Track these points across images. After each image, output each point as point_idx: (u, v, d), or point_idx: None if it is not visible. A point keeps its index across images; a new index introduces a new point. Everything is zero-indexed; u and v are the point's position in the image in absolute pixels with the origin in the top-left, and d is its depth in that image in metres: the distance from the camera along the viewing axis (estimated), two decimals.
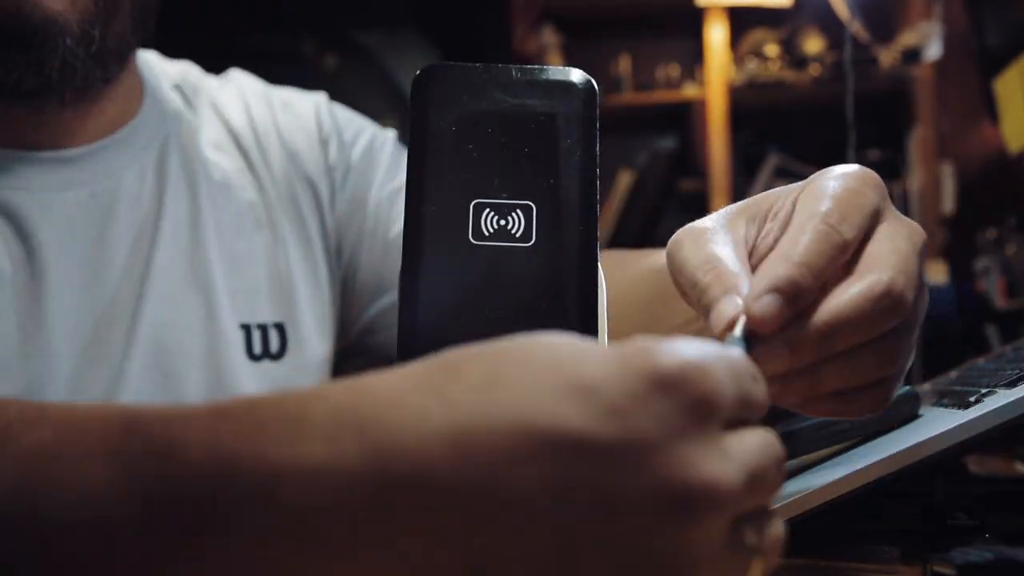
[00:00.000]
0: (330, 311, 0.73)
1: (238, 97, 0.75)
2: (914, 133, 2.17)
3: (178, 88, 0.72)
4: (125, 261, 0.63)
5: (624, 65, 2.38)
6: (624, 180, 2.36)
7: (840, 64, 2.11)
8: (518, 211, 0.39)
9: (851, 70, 1.02)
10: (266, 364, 0.67)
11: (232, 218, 0.68)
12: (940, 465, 0.39)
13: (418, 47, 2.56)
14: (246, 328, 0.67)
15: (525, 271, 0.38)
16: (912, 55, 2.09)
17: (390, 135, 0.79)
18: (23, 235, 0.61)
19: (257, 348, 0.67)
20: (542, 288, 0.38)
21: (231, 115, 0.73)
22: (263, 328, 0.68)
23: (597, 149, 0.40)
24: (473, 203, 0.39)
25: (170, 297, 0.63)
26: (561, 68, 0.41)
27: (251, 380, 0.66)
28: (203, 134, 0.71)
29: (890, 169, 2.21)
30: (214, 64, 0.76)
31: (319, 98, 0.79)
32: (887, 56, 2.13)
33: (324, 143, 0.75)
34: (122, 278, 0.63)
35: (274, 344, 0.68)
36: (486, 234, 0.38)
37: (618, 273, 0.56)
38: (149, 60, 0.72)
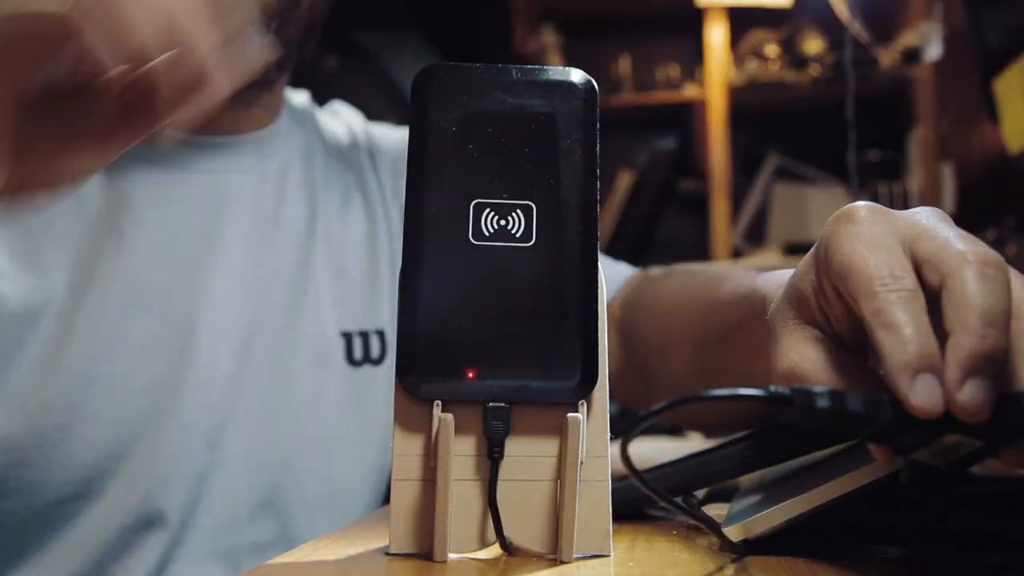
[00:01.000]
0: None
1: (345, 123, 0.79)
2: (914, 133, 2.17)
3: (301, 110, 0.76)
4: (244, 259, 0.66)
5: (624, 65, 2.38)
6: (624, 180, 2.36)
7: (840, 64, 2.11)
8: (518, 211, 0.39)
9: (851, 70, 1.02)
10: (367, 369, 0.70)
11: (340, 228, 0.72)
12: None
13: (418, 47, 2.56)
14: (347, 336, 0.69)
15: (525, 271, 0.38)
16: (912, 55, 2.09)
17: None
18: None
19: (358, 354, 0.70)
20: (542, 288, 0.38)
21: (341, 139, 0.77)
22: (364, 335, 0.70)
23: (597, 149, 0.40)
24: (473, 203, 0.39)
25: (281, 302, 0.66)
26: (561, 68, 0.41)
27: (351, 385, 0.69)
28: (319, 154, 0.74)
29: (890, 169, 2.21)
30: None
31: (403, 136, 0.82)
32: (887, 56, 2.13)
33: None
34: (242, 278, 0.65)
35: (375, 350, 0.71)
36: (486, 234, 0.38)
37: (706, 294, 0.56)
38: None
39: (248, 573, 0.37)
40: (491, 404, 0.38)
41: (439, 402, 0.37)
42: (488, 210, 0.39)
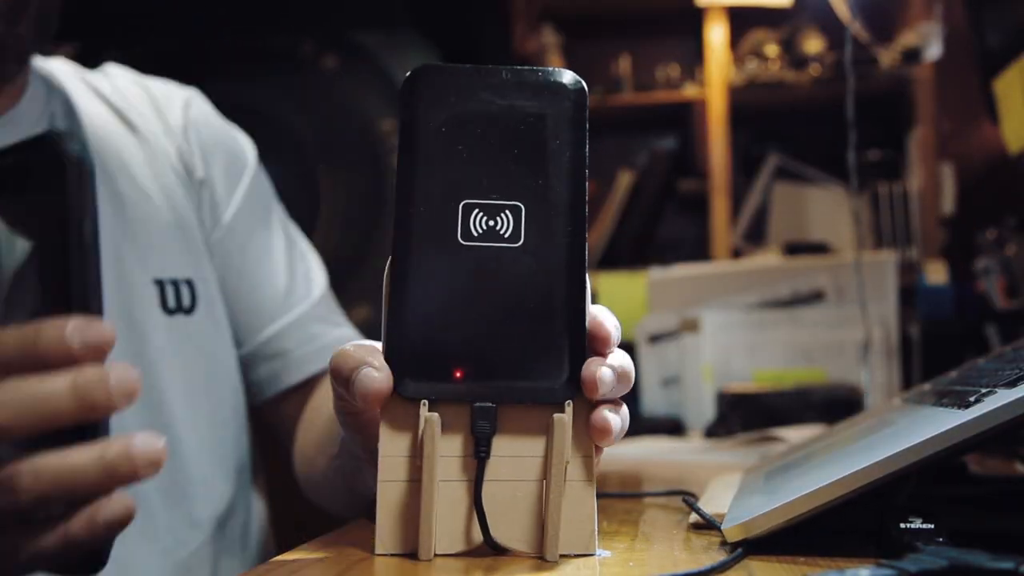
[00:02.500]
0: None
1: (115, 76, 0.79)
2: (914, 133, 2.17)
3: (54, 74, 0.75)
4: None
5: (624, 65, 2.38)
6: (624, 180, 2.36)
7: (840, 64, 2.11)
8: (507, 212, 0.38)
9: (851, 70, 1.02)
10: (180, 318, 0.71)
11: (127, 184, 0.72)
12: (940, 465, 0.39)
13: (417, 47, 2.56)
14: (159, 283, 0.71)
15: (513, 271, 0.38)
16: (912, 55, 2.09)
17: (251, 156, 0.83)
18: None
19: (171, 302, 0.71)
20: (530, 288, 0.38)
21: (108, 89, 0.77)
22: (175, 283, 0.72)
23: (586, 150, 0.40)
24: (462, 204, 0.38)
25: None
26: (551, 69, 0.40)
27: (164, 332, 0.70)
28: (87, 111, 0.74)
29: (890, 169, 2.21)
30: (214, 64, 0.76)
31: (190, 94, 0.82)
32: (887, 56, 2.13)
33: (189, 143, 0.78)
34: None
35: (186, 298, 0.72)
36: (475, 235, 0.38)
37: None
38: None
39: None
40: (477, 404, 0.38)
41: (426, 402, 0.37)
42: (477, 211, 0.38)
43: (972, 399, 0.39)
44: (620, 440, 0.40)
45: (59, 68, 0.77)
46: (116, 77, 0.80)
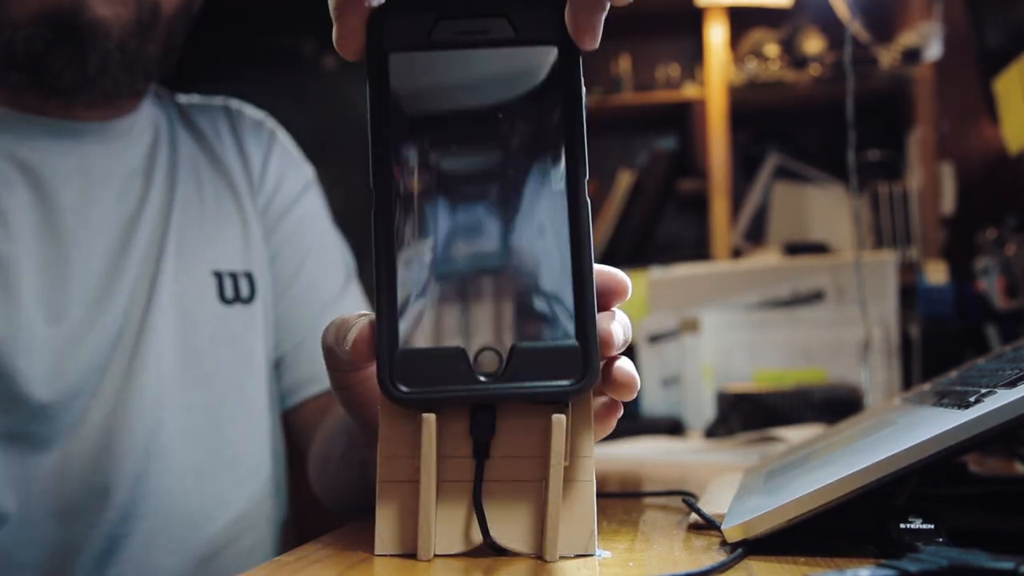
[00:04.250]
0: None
1: (201, 103, 0.86)
2: (914, 133, 2.17)
3: (158, 94, 0.82)
4: (113, 227, 0.72)
5: (624, 65, 2.38)
6: (624, 180, 2.36)
7: (840, 64, 2.11)
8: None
9: (851, 70, 1.02)
10: (238, 307, 0.76)
11: (203, 193, 0.78)
12: (939, 465, 0.39)
13: None
14: (218, 275, 0.75)
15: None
16: (912, 55, 2.09)
17: (309, 175, 0.89)
18: (38, 188, 0.69)
19: (229, 293, 0.75)
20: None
21: (198, 118, 0.83)
22: (234, 276, 0.76)
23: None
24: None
25: (146, 255, 0.72)
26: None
27: (217, 320, 0.74)
28: (181, 132, 0.80)
29: (890, 169, 2.21)
30: (214, 64, 0.77)
31: (270, 120, 0.89)
32: (887, 56, 2.13)
33: (263, 164, 0.84)
34: (112, 240, 0.71)
35: (244, 290, 0.77)
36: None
37: None
38: None
39: None
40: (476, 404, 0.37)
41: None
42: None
43: (972, 399, 0.39)
44: (610, 432, 0.40)
45: (162, 90, 0.84)
46: (197, 100, 0.86)
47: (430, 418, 0.36)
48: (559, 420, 0.36)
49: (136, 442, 0.69)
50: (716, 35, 2.27)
